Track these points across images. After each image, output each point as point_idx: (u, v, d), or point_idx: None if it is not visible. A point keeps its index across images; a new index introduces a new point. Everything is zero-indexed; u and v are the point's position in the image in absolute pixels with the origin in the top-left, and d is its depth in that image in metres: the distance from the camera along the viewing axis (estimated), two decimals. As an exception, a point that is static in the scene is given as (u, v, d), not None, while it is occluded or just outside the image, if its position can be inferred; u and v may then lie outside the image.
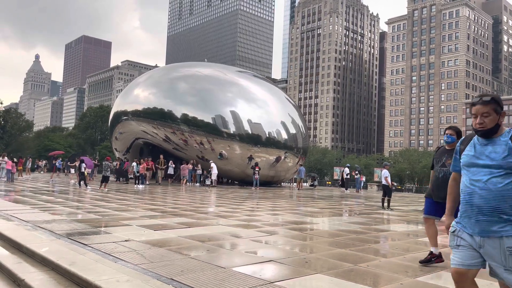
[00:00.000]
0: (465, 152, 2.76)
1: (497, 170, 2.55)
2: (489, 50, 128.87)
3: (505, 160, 2.54)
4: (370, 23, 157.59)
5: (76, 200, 13.86)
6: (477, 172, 2.62)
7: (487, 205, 2.54)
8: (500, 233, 2.51)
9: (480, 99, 2.66)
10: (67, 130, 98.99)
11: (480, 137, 2.68)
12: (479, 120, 2.64)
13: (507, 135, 2.63)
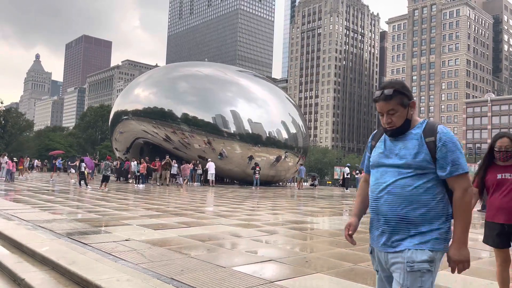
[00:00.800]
0: (375, 149, 2.33)
1: (406, 170, 2.12)
2: (489, 49, 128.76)
3: (416, 158, 2.11)
4: (371, 23, 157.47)
5: (76, 199, 13.87)
6: (384, 173, 2.19)
7: (393, 213, 2.10)
8: (404, 245, 2.07)
9: (382, 93, 2.18)
10: (67, 129, 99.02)
11: (390, 137, 2.23)
12: (385, 119, 2.20)
13: (420, 127, 2.19)
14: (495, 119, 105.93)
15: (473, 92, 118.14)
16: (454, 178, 2.09)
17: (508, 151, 3.58)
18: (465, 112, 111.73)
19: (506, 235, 3.62)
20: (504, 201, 3.57)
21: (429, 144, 2.11)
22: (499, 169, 3.65)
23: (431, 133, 2.13)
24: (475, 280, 4.70)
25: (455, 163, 2.07)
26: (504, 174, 3.61)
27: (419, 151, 2.11)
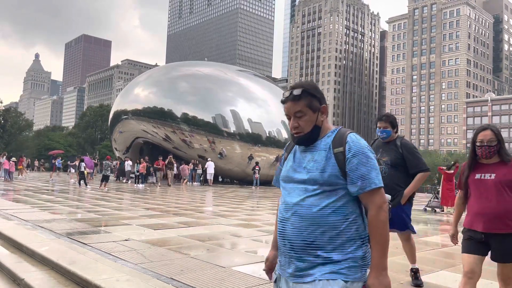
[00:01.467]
0: (286, 162, 2.00)
1: (313, 186, 1.80)
2: (490, 49, 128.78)
3: (323, 173, 1.79)
4: (371, 22, 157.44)
5: (75, 199, 13.86)
6: (292, 191, 1.86)
7: (298, 238, 1.78)
8: (313, 276, 1.75)
9: (290, 94, 1.87)
10: (67, 129, 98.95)
11: (298, 145, 1.93)
12: (292, 122, 1.88)
13: (330, 136, 1.88)
14: (495, 119, 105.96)
15: (473, 91, 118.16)
16: (367, 195, 1.77)
17: (491, 146, 3.06)
18: (465, 111, 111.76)
19: (484, 244, 3.12)
20: (483, 206, 3.05)
21: (337, 156, 1.80)
22: (480, 168, 3.14)
23: (340, 143, 1.82)
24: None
25: (366, 177, 1.76)
26: (483, 175, 3.09)
27: (327, 164, 1.80)
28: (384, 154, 4.30)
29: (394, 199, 4.10)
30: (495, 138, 3.07)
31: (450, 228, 3.38)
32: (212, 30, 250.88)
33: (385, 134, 4.33)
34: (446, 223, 10.82)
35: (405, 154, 4.22)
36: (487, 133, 3.10)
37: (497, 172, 3.05)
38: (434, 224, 10.78)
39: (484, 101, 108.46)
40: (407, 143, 4.31)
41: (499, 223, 2.99)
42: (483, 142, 3.08)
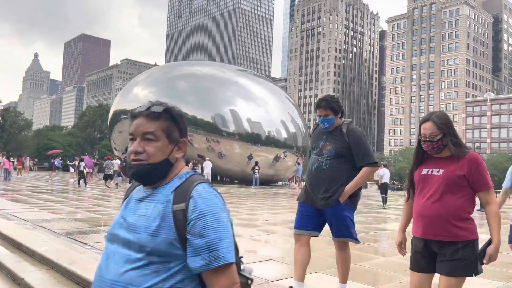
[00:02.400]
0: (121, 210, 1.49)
1: (137, 254, 1.28)
2: (489, 48, 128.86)
3: (154, 236, 1.27)
4: (370, 22, 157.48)
5: (75, 199, 13.86)
6: (112, 255, 1.35)
7: None
8: None
9: (147, 109, 1.41)
10: (66, 129, 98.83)
11: (133, 177, 1.40)
12: (135, 145, 1.38)
13: (177, 182, 1.37)
14: (494, 118, 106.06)
15: (472, 91, 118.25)
16: (212, 273, 1.25)
17: (434, 141, 2.48)
18: (464, 111, 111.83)
19: (432, 257, 2.56)
20: (424, 206, 2.52)
21: (176, 215, 1.28)
22: (429, 162, 2.60)
23: (183, 197, 1.30)
24: (474, 280, 4.70)
25: (214, 248, 1.24)
26: (431, 170, 2.55)
27: (161, 224, 1.28)
28: (328, 142, 3.56)
29: (331, 196, 3.47)
30: (437, 131, 2.47)
31: None
32: (211, 30, 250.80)
33: (327, 124, 3.57)
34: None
35: (351, 143, 3.50)
36: (427, 125, 2.51)
37: (446, 168, 2.49)
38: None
39: (484, 101, 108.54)
40: (354, 129, 3.56)
41: (440, 229, 2.46)
42: (425, 136, 2.52)
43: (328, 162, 3.53)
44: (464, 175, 2.45)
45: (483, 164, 2.49)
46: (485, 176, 2.48)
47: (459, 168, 2.47)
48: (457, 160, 2.48)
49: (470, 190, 2.50)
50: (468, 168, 2.45)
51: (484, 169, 2.48)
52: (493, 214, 2.49)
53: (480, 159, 2.48)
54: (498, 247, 2.48)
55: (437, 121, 2.49)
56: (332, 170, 3.50)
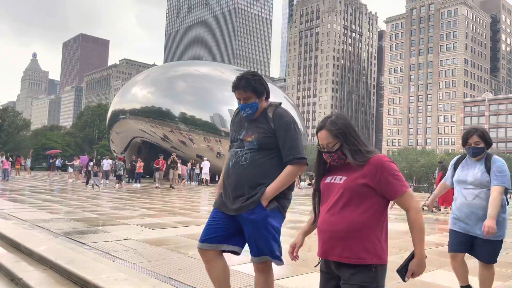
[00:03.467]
0: None
1: None
2: (487, 49, 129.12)
3: None
4: (369, 22, 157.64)
5: (73, 199, 13.84)
6: None
7: None
8: None
9: None
10: (64, 128, 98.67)
11: None
12: None
13: None
14: (492, 119, 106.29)
15: (470, 91, 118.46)
16: None
17: (332, 152, 2.15)
18: (462, 111, 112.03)
19: (331, 279, 2.17)
20: (323, 220, 2.17)
21: None
22: (334, 168, 2.23)
23: None
24: (472, 279, 4.72)
25: None
26: (334, 177, 2.19)
27: None
28: (250, 131, 2.81)
29: (250, 198, 2.69)
30: (334, 140, 2.14)
31: None
32: (210, 30, 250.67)
33: (248, 110, 2.83)
34: (443, 222, 10.87)
35: (277, 131, 2.74)
36: (322, 135, 2.17)
37: (348, 175, 2.12)
38: (431, 223, 10.82)
39: (482, 101, 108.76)
40: (282, 113, 2.80)
41: (337, 247, 2.09)
42: (322, 147, 2.19)
43: (249, 156, 2.74)
44: (367, 184, 2.05)
45: (389, 166, 2.07)
46: (394, 180, 2.05)
47: (361, 175, 2.07)
48: (361, 167, 2.09)
49: (379, 201, 2.08)
50: (371, 174, 2.06)
51: (392, 173, 2.06)
52: (413, 222, 2.08)
53: (385, 162, 2.07)
54: (422, 261, 2.18)
55: (332, 128, 2.14)
56: (254, 166, 2.70)
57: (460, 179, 3.73)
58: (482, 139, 3.59)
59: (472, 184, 3.61)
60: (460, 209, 3.67)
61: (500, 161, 3.59)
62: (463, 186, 3.68)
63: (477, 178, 3.59)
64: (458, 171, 3.79)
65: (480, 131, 3.63)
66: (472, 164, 3.69)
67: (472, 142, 3.61)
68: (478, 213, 3.55)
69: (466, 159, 3.78)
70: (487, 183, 3.54)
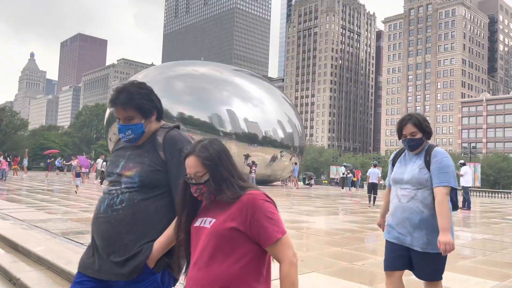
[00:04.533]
0: None
1: None
2: (485, 49, 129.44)
3: None
4: (367, 22, 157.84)
5: (72, 199, 13.82)
6: None
7: None
8: None
9: None
10: (62, 128, 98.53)
11: None
12: None
13: None
14: (490, 119, 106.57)
15: (468, 91, 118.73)
16: None
17: (201, 183, 1.71)
18: (460, 111, 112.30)
19: None
20: (190, 277, 1.69)
21: None
22: (207, 209, 1.78)
23: None
24: (470, 279, 4.74)
25: None
26: (204, 219, 1.74)
27: None
28: (131, 163, 2.03)
29: (130, 259, 1.91)
30: (202, 169, 1.68)
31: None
32: (208, 30, 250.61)
33: (130, 134, 2.04)
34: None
35: (170, 162, 2.01)
36: (190, 162, 1.70)
37: (218, 216, 1.69)
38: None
39: (479, 101, 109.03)
40: (176, 138, 2.05)
41: None
42: (190, 177, 1.72)
43: (126, 196, 1.96)
44: (236, 227, 1.62)
45: (263, 206, 1.66)
46: (267, 224, 1.63)
47: (231, 217, 1.64)
48: (231, 204, 1.67)
49: (255, 248, 1.67)
50: (241, 215, 1.63)
51: (266, 214, 1.64)
52: (284, 277, 1.72)
53: (258, 201, 1.66)
54: None
55: (201, 155, 1.68)
56: (134, 211, 1.94)
57: (396, 178, 3.02)
58: (419, 128, 2.90)
59: (409, 183, 2.89)
60: (394, 213, 2.93)
61: (441, 153, 2.87)
62: (399, 185, 2.96)
63: (414, 175, 2.87)
64: (395, 168, 3.08)
65: (415, 119, 2.94)
66: (410, 159, 2.99)
67: (407, 133, 2.92)
68: (413, 219, 2.81)
69: (405, 153, 3.07)
70: (426, 181, 2.82)
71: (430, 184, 2.82)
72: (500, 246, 7.32)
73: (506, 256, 6.19)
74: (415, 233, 2.82)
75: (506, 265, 5.61)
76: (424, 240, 2.79)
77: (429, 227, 2.79)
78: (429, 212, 2.80)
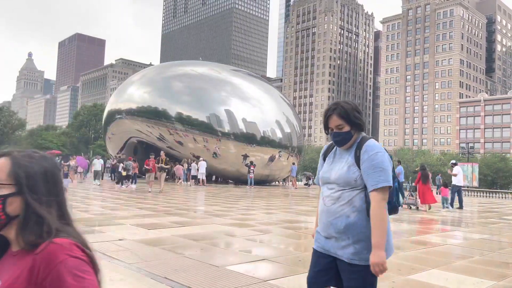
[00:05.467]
0: None
1: None
2: (483, 49, 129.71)
3: None
4: (365, 22, 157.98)
5: (69, 199, 13.80)
6: None
7: None
8: None
9: None
10: (60, 128, 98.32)
11: None
12: None
13: None
14: (488, 119, 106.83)
15: (466, 91, 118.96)
16: None
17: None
18: (458, 111, 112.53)
19: None
20: None
21: None
22: None
23: None
24: (467, 279, 4.75)
25: None
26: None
27: None
28: None
29: None
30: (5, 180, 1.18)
31: None
32: (206, 30, 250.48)
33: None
34: (440, 222, 10.93)
35: None
36: None
37: (5, 274, 1.16)
38: (427, 223, 10.87)
39: (477, 101, 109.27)
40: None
41: None
42: None
43: None
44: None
45: (68, 264, 1.11)
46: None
47: (21, 274, 1.12)
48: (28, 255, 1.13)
49: None
50: (38, 273, 1.10)
51: (67, 277, 1.08)
52: None
53: (59, 256, 1.10)
54: None
55: (17, 161, 1.19)
56: None
57: (323, 176, 2.52)
58: (346, 120, 2.39)
59: (335, 182, 2.42)
60: (320, 218, 2.49)
61: (373, 148, 2.34)
62: (327, 186, 2.49)
63: (342, 174, 2.39)
64: (325, 165, 2.58)
65: (341, 108, 2.41)
66: (341, 155, 2.49)
67: (333, 125, 2.43)
68: (338, 224, 2.35)
69: (336, 147, 2.57)
70: (354, 181, 2.35)
71: (360, 183, 2.33)
72: (497, 246, 7.35)
73: (503, 256, 6.21)
74: (341, 241, 2.34)
75: (504, 265, 5.62)
76: (351, 249, 2.30)
77: (357, 234, 2.29)
78: (357, 216, 2.31)
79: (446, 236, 8.44)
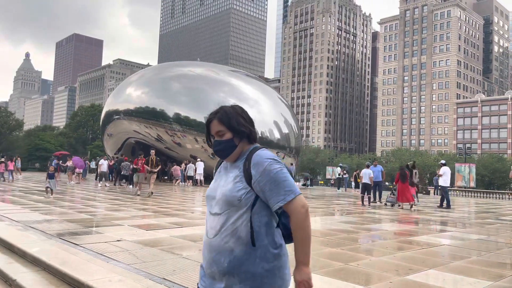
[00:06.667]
0: None
1: None
2: (480, 50, 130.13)
3: None
4: (363, 23, 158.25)
5: (67, 200, 13.78)
6: None
7: None
8: None
9: None
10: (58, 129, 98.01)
11: None
12: None
13: None
14: (485, 120, 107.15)
15: (463, 92, 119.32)
16: None
17: None
18: (455, 112, 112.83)
19: None
20: None
21: None
22: None
23: None
24: (464, 279, 4.78)
25: None
26: None
27: None
28: None
29: None
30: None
31: None
32: (204, 30, 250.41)
33: None
34: (437, 223, 10.96)
35: None
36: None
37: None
38: (424, 223, 10.90)
39: (474, 102, 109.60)
40: None
41: None
42: None
43: None
44: None
45: None
46: None
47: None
48: None
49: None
50: None
51: None
52: None
53: None
54: None
55: None
56: None
57: (208, 195, 2.03)
58: (227, 126, 1.95)
59: (218, 204, 1.93)
60: (203, 252, 2.01)
61: (263, 159, 1.89)
62: (211, 207, 1.99)
63: (225, 192, 1.91)
64: (212, 181, 2.10)
65: (222, 112, 1.98)
66: (229, 169, 2.01)
67: (214, 132, 1.99)
68: (220, 261, 1.88)
69: None
70: (238, 201, 1.87)
71: (244, 203, 1.87)
72: (494, 247, 7.38)
73: (500, 257, 6.25)
74: (226, 282, 1.87)
75: (500, 265, 5.65)
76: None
77: (243, 272, 1.84)
78: (244, 250, 1.84)
79: (443, 237, 8.47)
